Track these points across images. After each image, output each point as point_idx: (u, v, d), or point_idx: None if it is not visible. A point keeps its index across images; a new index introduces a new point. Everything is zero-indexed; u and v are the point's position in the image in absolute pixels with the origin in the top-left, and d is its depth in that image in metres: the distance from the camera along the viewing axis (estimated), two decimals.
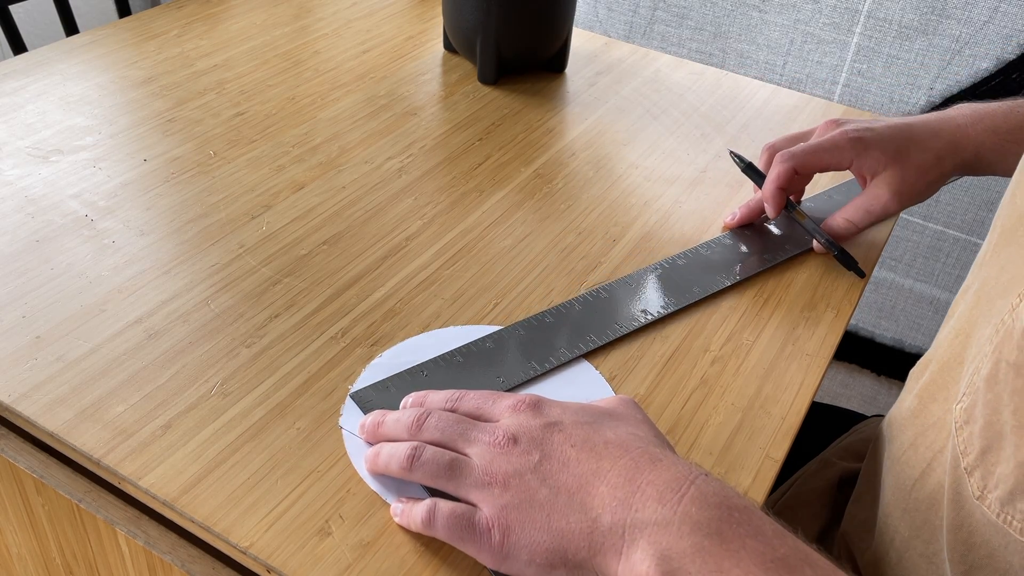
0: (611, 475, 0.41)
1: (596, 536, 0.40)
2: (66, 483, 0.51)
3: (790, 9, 1.42)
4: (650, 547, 0.38)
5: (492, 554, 0.42)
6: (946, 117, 0.68)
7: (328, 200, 0.70)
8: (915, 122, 0.68)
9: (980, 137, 0.66)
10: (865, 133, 0.66)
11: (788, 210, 0.69)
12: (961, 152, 0.67)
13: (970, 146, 0.66)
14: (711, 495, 0.39)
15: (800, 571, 0.37)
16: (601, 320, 0.60)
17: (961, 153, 0.67)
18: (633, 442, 0.43)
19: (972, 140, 0.66)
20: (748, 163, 0.71)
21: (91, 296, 0.59)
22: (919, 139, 0.66)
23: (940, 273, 1.43)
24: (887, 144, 0.66)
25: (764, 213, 0.70)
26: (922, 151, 0.66)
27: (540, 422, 0.45)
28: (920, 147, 0.66)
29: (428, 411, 0.47)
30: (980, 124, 0.67)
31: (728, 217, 0.71)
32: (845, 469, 0.70)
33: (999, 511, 0.42)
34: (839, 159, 0.66)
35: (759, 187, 0.70)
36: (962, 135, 0.67)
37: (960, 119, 0.67)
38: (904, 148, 0.66)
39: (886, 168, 0.66)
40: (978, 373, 0.45)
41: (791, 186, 0.67)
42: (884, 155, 0.66)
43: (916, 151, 0.66)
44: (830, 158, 0.66)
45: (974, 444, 0.44)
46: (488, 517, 0.42)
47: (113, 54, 0.89)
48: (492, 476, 0.43)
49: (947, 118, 0.68)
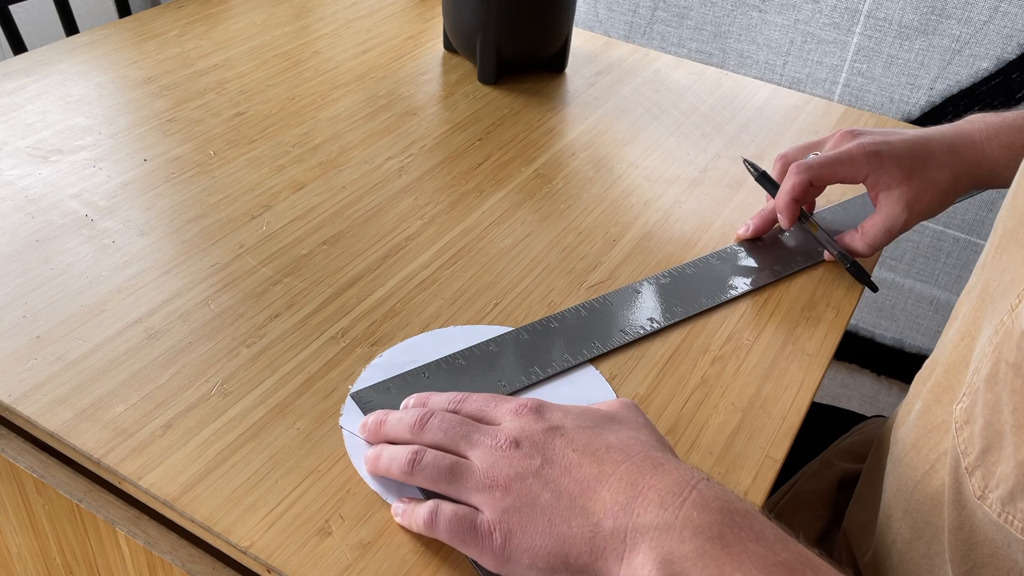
0: (613, 480, 0.41)
1: (598, 540, 0.40)
2: (66, 483, 0.51)
3: (790, 9, 1.42)
4: (652, 551, 0.38)
5: (493, 557, 0.42)
6: (963, 133, 0.67)
7: (328, 200, 0.70)
8: (932, 137, 0.66)
9: (996, 153, 0.65)
10: (882, 147, 0.65)
11: (801, 221, 0.68)
12: (978, 170, 0.66)
13: (987, 163, 0.65)
14: (713, 499, 0.39)
15: (802, 575, 0.37)
16: (606, 328, 0.60)
17: (978, 171, 0.66)
18: (635, 446, 0.43)
19: (989, 157, 0.65)
20: (762, 172, 0.70)
21: (91, 296, 0.59)
22: (936, 156, 0.65)
23: (940, 273, 1.43)
24: (903, 159, 0.64)
25: (777, 223, 0.69)
26: (938, 167, 0.65)
27: (542, 426, 0.45)
28: (937, 163, 0.65)
29: (431, 412, 0.47)
30: (996, 139, 0.66)
31: (741, 229, 0.70)
32: (846, 470, 0.70)
33: (1000, 511, 0.42)
34: (854, 173, 0.65)
35: (771, 197, 0.69)
36: (979, 152, 0.66)
37: (977, 135, 0.66)
38: (921, 164, 0.65)
39: (901, 184, 0.64)
40: (978, 373, 0.45)
41: (805, 197, 0.67)
42: (900, 170, 0.64)
43: (933, 168, 0.65)
44: (845, 171, 0.65)
45: (974, 444, 0.44)
46: (490, 520, 0.42)
47: (113, 54, 0.89)
48: (494, 479, 0.43)
49: (964, 134, 0.66)
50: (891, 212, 0.65)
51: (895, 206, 0.65)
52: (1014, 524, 0.41)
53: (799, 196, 0.66)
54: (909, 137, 0.66)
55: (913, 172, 0.64)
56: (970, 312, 0.49)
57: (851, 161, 0.65)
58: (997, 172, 0.66)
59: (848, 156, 0.65)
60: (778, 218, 0.68)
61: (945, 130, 0.67)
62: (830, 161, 0.65)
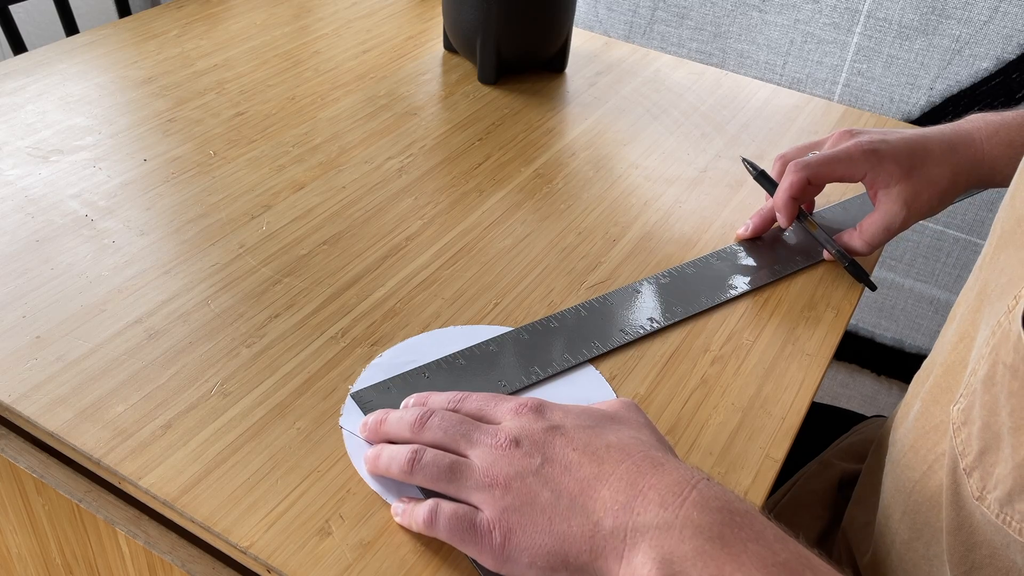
0: (613, 479, 0.41)
1: (598, 539, 0.40)
2: (66, 483, 0.51)
3: (790, 9, 1.42)
4: (652, 551, 0.38)
5: (493, 556, 0.42)
6: (962, 131, 0.66)
7: (328, 200, 0.70)
8: (931, 135, 0.66)
9: (996, 151, 0.65)
10: (880, 145, 0.65)
11: (800, 219, 0.68)
12: (977, 169, 0.65)
13: (986, 161, 0.65)
14: (713, 499, 0.39)
15: (801, 575, 0.37)
16: (606, 328, 0.60)
17: (977, 169, 0.65)
18: (635, 446, 0.43)
19: (988, 155, 0.65)
20: (760, 171, 0.70)
21: (91, 296, 0.59)
22: (935, 154, 0.65)
23: (940, 273, 1.43)
24: (902, 158, 0.64)
25: (776, 222, 0.69)
26: (937, 165, 0.65)
27: (542, 425, 0.45)
28: (936, 162, 0.65)
29: (431, 411, 0.47)
30: (996, 138, 0.65)
31: (741, 228, 0.70)
32: (845, 470, 0.70)
33: (999, 512, 0.42)
34: (852, 171, 0.65)
35: (771, 195, 0.69)
36: (978, 151, 0.65)
37: (976, 133, 0.66)
38: (920, 163, 0.64)
39: (899, 182, 0.64)
40: (975, 374, 0.45)
41: (803, 196, 0.67)
42: (899, 168, 0.64)
43: (932, 166, 0.65)
44: (844, 169, 0.65)
45: (972, 445, 0.44)
46: (489, 519, 0.42)
47: (113, 54, 0.89)
48: (494, 478, 0.43)
49: (963, 132, 0.66)
50: (890, 210, 0.65)
51: (893, 204, 0.65)
52: (1012, 525, 0.41)
53: (797, 194, 0.66)
54: (908, 136, 0.66)
55: (911, 170, 0.64)
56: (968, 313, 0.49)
57: (849, 159, 0.65)
58: (997, 170, 0.66)
59: (846, 154, 0.65)
60: (776, 217, 0.68)
61: (944, 129, 0.67)
62: (828, 159, 0.65)
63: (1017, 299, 0.42)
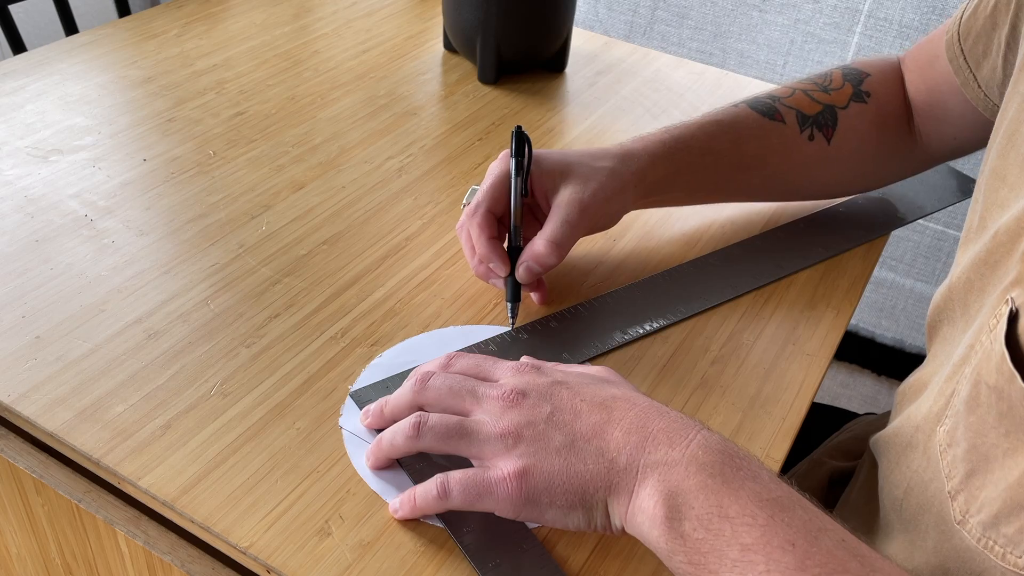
0: (624, 423, 0.43)
1: (613, 476, 0.42)
2: (66, 483, 0.51)
3: (790, 9, 1.42)
4: (659, 483, 0.41)
5: (512, 503, 0.43)
6: (625, 145, 0.64)
7: (328, 200, 0.70)
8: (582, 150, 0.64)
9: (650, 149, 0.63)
10: (536, 158, 0.61)
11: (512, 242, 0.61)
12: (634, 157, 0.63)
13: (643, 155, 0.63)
14: (715, 443, 0.42)
15: (792, 511, 0.39)
16: (606, 328, 0.60)
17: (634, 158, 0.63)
18: (637, 398, 0.45)
19: (639, 152, 0.63)
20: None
21: (91, 296, 0.59)
22: (590, 152, 0.63)
23: (940, 273, 1.43)
24: (553, 161, 0.61)
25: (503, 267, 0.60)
26: (598, 159, 0.62)
27: (546, 380, 0.46)
28: (592, 156, 0.62)
29: (431, 372, 0.48)
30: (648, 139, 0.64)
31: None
32: (835, 468, 0.70)
33: (980, 535, 0.42)
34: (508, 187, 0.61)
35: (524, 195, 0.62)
36: (628, 149, 0.63)
37: (629, 142, 0.64)
38: (577, 160, 0.62)
39: (561, 180, 0.61)
40: (957, 395, 0.45)
41: (498, 229, 0.61)
42: (555, 167, 0.61)
43: (590, 159, 0.62)
44: (504, 189, 0.61)
45: (958, 468, 0.44)
46: (503, 467, 0.43)
47: (113, 54, 0.89)
48: (505, 428, 0.44)
49: (625, 146, 0.64)
50: (559, 203, 0.60)
51: (561, 197, 0.60)
52: (994, 549, 0.41)
53: (492, 233, 0.60)
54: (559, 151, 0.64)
55: (566, 168, 0.61)
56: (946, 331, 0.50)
57: (503, 177, 0.61)
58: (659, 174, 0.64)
59: (500, 176, 0.61)
60: (492, 267, 0.60)
61: None
62: (490, 189, 0.61)
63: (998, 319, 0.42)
